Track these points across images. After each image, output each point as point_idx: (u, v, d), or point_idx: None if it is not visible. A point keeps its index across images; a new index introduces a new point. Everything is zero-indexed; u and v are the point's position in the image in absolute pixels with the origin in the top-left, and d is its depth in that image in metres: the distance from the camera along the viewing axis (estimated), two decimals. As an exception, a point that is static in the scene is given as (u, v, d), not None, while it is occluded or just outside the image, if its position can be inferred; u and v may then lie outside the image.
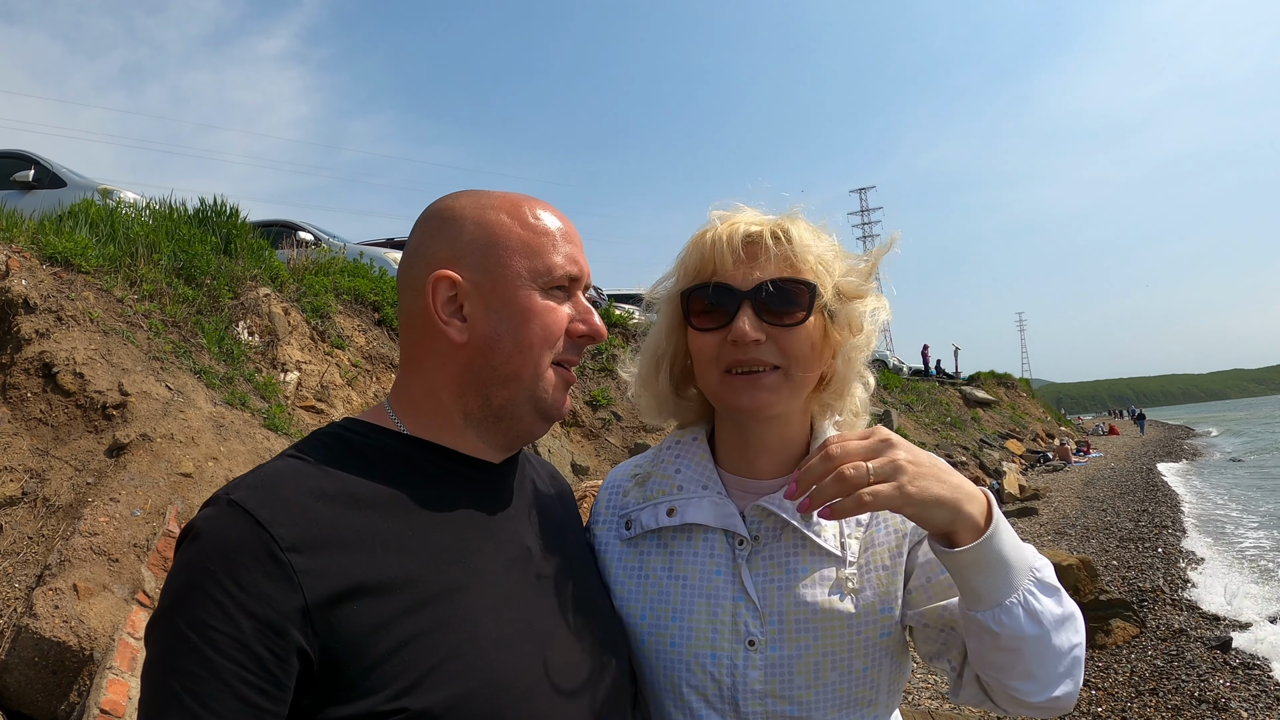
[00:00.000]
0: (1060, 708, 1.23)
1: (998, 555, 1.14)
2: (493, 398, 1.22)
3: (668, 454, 1.49)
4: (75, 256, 5.71)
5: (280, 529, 1.02)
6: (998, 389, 45.35)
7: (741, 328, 1.28)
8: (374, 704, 0.99)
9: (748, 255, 1.33)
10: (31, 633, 3.28)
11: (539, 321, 1.21)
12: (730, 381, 1.33)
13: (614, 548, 1.44)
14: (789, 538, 1.34)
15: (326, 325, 7.99)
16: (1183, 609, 9.75)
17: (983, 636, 1.17)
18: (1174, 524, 16.32)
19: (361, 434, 1.21)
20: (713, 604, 1.32)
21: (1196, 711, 6.60)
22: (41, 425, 4.49)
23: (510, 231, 1.22)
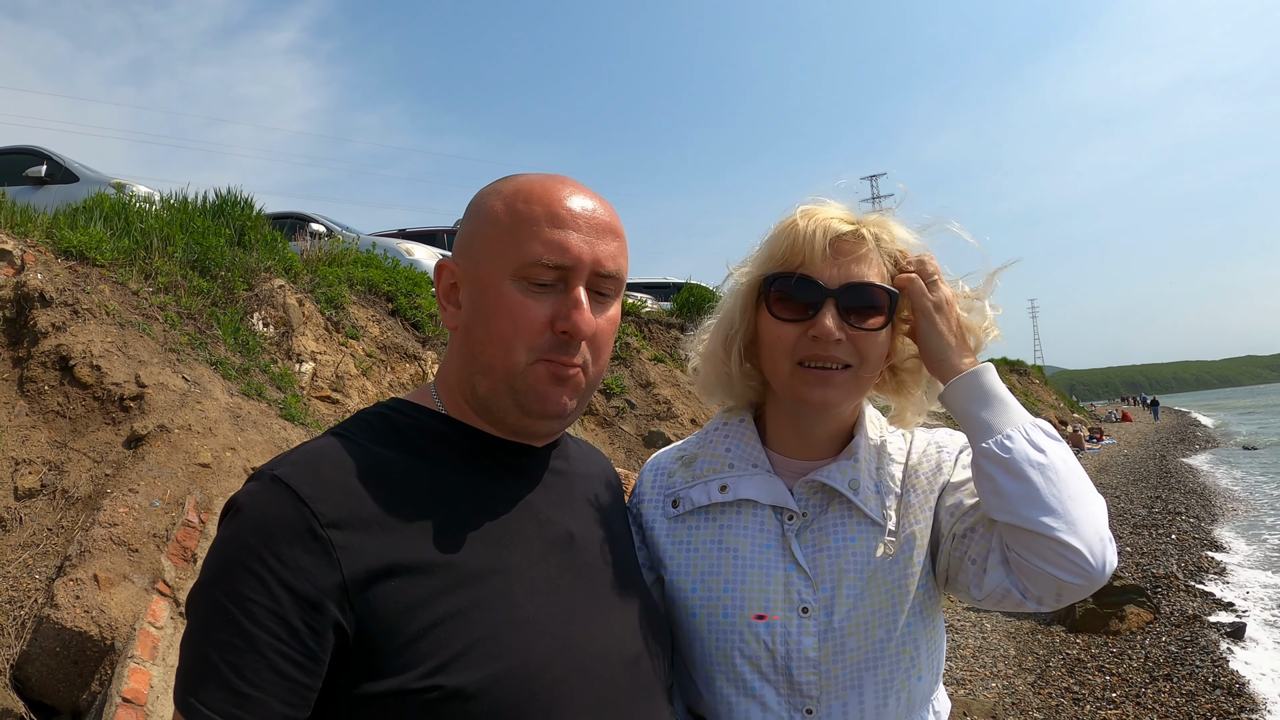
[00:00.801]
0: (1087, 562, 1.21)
1: (992, 390, 1.32)
2: (478, 387, 1.21)
3: (716, 435, 1.53)
4: (90, 250, 5.75)
5: (321, 505, 1.03)
6: (1010, 376, 45.19)
7: (826, 325, 1.32)
8: (407, 681, 1.00)
9: (837, 252, 1.36)
10: (53, 623, 3.32)
11: (507, 315, 1.17)
12: (803, 375, 1.36)
13: (661, 525, 1.48)
14: (836, 510, 1.41)
15: (340, 316, 8.02)
16: (1196, 595, 9.74)
17: (992, 469, 1.26)
18: (1187, 510, 16.27)
19: (405, 414, 1.23)
20: (765, 574, 1.37)
21: (1211, 697, 6.60)
22: (59, 418, 4.52)
23: (495, 217, 1.20)
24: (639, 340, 14.13)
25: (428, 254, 13.48)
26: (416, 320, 9.56)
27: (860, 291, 1.35)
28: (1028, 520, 1.22)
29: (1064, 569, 1.21)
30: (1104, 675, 7.24)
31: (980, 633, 8.52)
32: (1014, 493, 1.24)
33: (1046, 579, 1.24)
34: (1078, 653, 7.87)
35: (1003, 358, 49.96)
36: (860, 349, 1.35)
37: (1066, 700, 6.67)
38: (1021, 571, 1.27)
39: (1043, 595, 1.27)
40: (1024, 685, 7.02)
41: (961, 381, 1.33)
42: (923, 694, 1.41)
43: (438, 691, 1.01)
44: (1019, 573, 1.27)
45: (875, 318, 1.36)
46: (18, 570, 3.65)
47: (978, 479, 1.31)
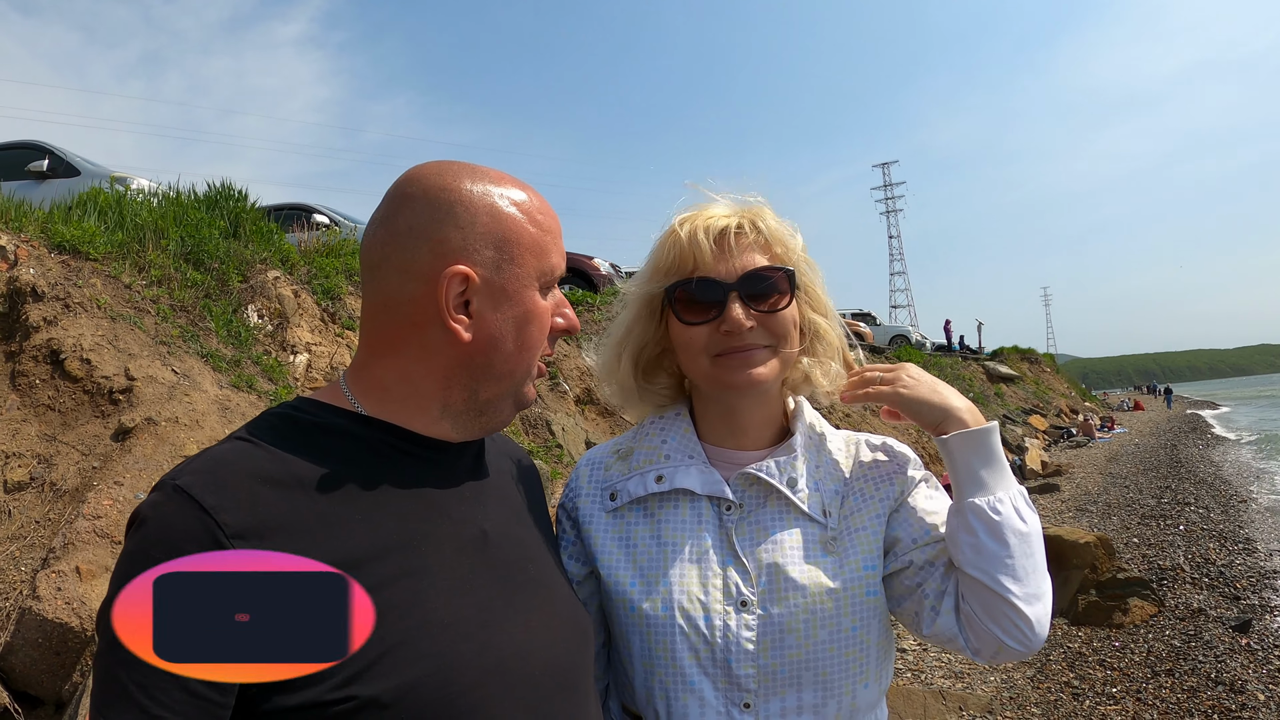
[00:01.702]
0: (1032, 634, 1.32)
1: (994, 451, 1.37)
2: (480, 393, 1.21)
3: (651, 428, 1.54)
4: (83, 244, 5.76)
5: (225, 515, 1.00)
6: (1021, 364, 44.97)
7: (737, 318, 1.37)
8: (320, 692, 0.98)
9: (725, 248, 1.40)
10: (35, 615, 3.33)
11: (539, 323, 1.22)
12: (725, 363, 1.40)
13: (599, 519, 1.48)
14: (774, 504, 1.42)
15: (337, 307, 8.02)
16: (1202, 588, 9.65)
17: (977, 525, 1.32)
18: (1196, 501, 16.15)
19: (311, 413, 1.18)
20: (703, 568, 1.38)
21: (1213, 693, 6.53)
22: (49, 411, 4.54)
23: (523, 229, 1.20)
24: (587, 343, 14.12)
25: (432, 246, 13.42)
26: (416, 313, 9.55)
27: (758, 278, 1.40)
28: (996, 583, 1.30)
29: (1011, 635, 1.32)
30: (1105, 670, 7.18)
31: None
32: (992, 554, 1.31)
33: (990, 639, 1.33)
34: (1079, 646, 7.82)
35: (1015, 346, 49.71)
36: (773, 330, 1.41)
37: (1066, 695, 6.62)
38: (970, 626, 1.36)
39: (981, 650, 1.36)
40: (1023, 679, 6.98)
41: (969, 436, 1.38)
42: (868, 701, 1.41)
43: (352, 702, 0.99)
44: (968, 625, 1.36)
45: (778, 297, 1.41)
46: (4, 562, 3.68)
47: (958, 530, 1.36)
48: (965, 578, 1.34)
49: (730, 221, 1.43)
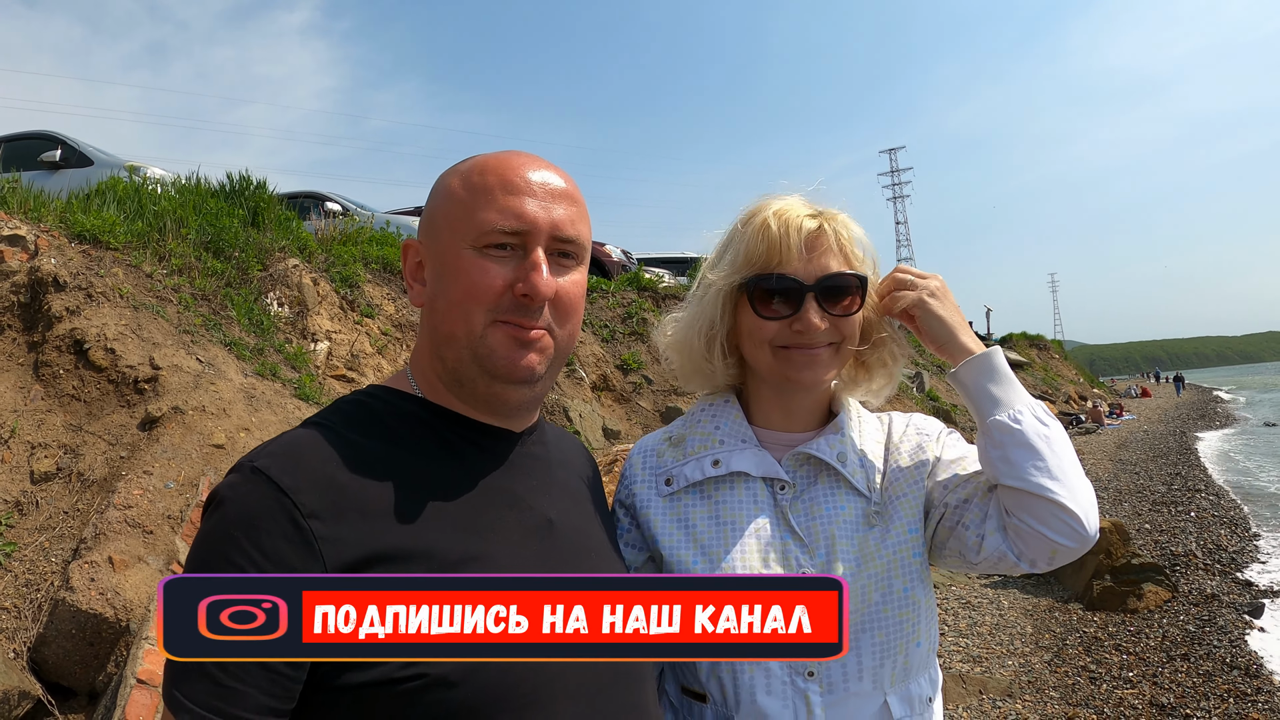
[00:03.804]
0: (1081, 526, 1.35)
1: (1002, 369, 1.44)
2: (446, 359, 1.23)
3: (703, 415, 1.61)
4: (103, 234, 5.76)
5: (302, 496, 1.04)
6: (1030, 350, 44.92)
7: (811, 319, 1.45)
8: (390, 670, 1.01)
9: (808, 248, 1.48)
10: (68, 605, 3.35)
11: (465, 279, 1.18)
12: (788, 356, 1.49)
13: (656, 504, 1.55)
14: (824, 480, 1.51)
15: (356, 294, 8.03)
16: (1215, 574, 9.66)
17: (1003, 438, 1.38)
18: (1207, 488, 16.14)
19: (382, 399, 1.24)
20: (763, 543, 1.45)
21: (1228, 678, 6.55)
22: (74, 401, 4.55)
23: (452, 194, 1.22)
24: (656, 316, 14.11)
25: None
26: (433, 297, 9.55)
27: (835, 282, 1.48)
28: (1034, 485, 1.35)
29: (1060, 532, 1.35)
30: (1121, 654, 7.20)
31: (997, 610, 8.50)
32: (1022, 460, 1.36)
33: (1042, 542, 1.37)
34: (1095, 631, 7.84)
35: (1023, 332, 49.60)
36: (841, 330, 1.50)
37: (1083, 679, 6.64)
38: (1019, 535, 1.39)
39: (1036, 558, 1.40)
40: (1040, 663, 7.00)
41: (976, 361, 1.46)
42: (920, 660, 1.49)
43: (421, 680, 1.01)
44: (1016, 536, 1.39)
45: (850, 301, 1.49)
46: (34, 553, 3.69)
47: (987, 448, 1.42)
48: (1006, 491, 1.39)
49: (816, 224, 1.49)
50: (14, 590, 3.55)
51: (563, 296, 1.22)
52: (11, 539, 3.80)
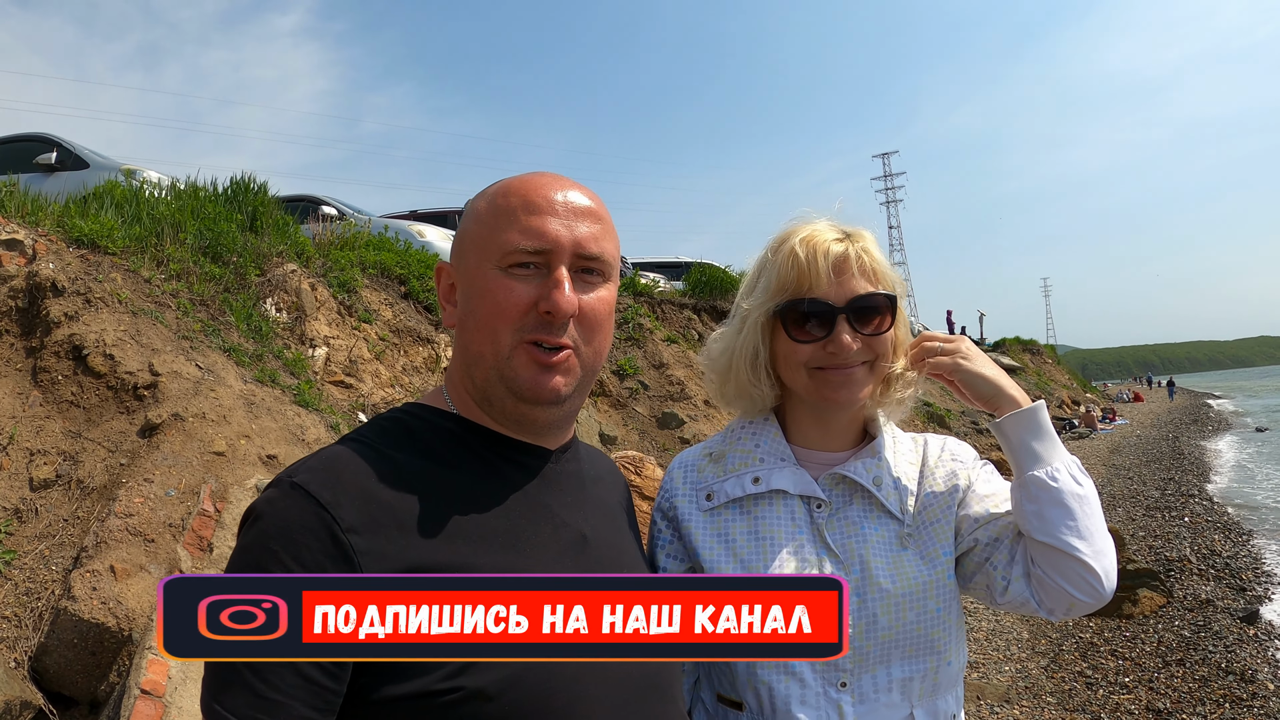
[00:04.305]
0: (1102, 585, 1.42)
1: (1045, 426, 1.49)
2: (475, 378, 1.24)
3: (744, 433, 1.66)
4: (102, 238, 5.73)
5: (341, 511, 1.05)
6: (1023, 355, 45.05)
7: (844, 341, 1.50)
8: (428, 683, 1.02)
9: (837, 271, 1.52)
10: (70, 615, 3.32)
11: (491, 298, 1.20)
12: (824, 377, 1.53)
13: (697, 518, 1.59)
14: (859, 501, 1.56)
15: (353, 300, 8.02)
16: (1210, 579, 9.70)
17: (1040, 494, 1.44)
18: (1200, 493, 16.20)
19: (419, 417, 1.25)
20: (800, 559, 1.50)
21: (1224, 683, 6.59)
22: (73, 408, 4.53)
23: (480, 216, 1.25)
24: (652, 321, 14.12)
25: (440, 236, 13.49)
26: (429, 303, 9.56)
27: (865, 303, 1.52)
28: (1063, 544, 1.41)
29: (1081, 590, 1.42)
30: (1117, 659, 7.24)
31: (993, 615, 8.52)
32: (1055, 519, 1.42)
33: (1063, 596, 1.44)
34: (1090, 636, 7.87)
35: (1015, 336, 49.74)
36: (874, 349, 1.54)
37: (1079, 684, 6.67)
38: (1042, 587, 1.46)
39: (1055, 608, 1.47)
40: (1037, 669, 7.02)
41: (1022, 415, 1.50)
42: (949, 679, 1.53)
43: (459, 693, 1.02)
44: (1039, 587, 1.47)
45: (883, 322, 1.54)
46: (34, 561, 3.67)
47: (1022, 502, 1.47)
48: (1034, 544, 1.45)
49: (843, 248, 1.54)
50: (14, 599, 3.53)
51: (588, 313, 1.23)
52: (11, 547, 3.78)
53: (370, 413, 6.69)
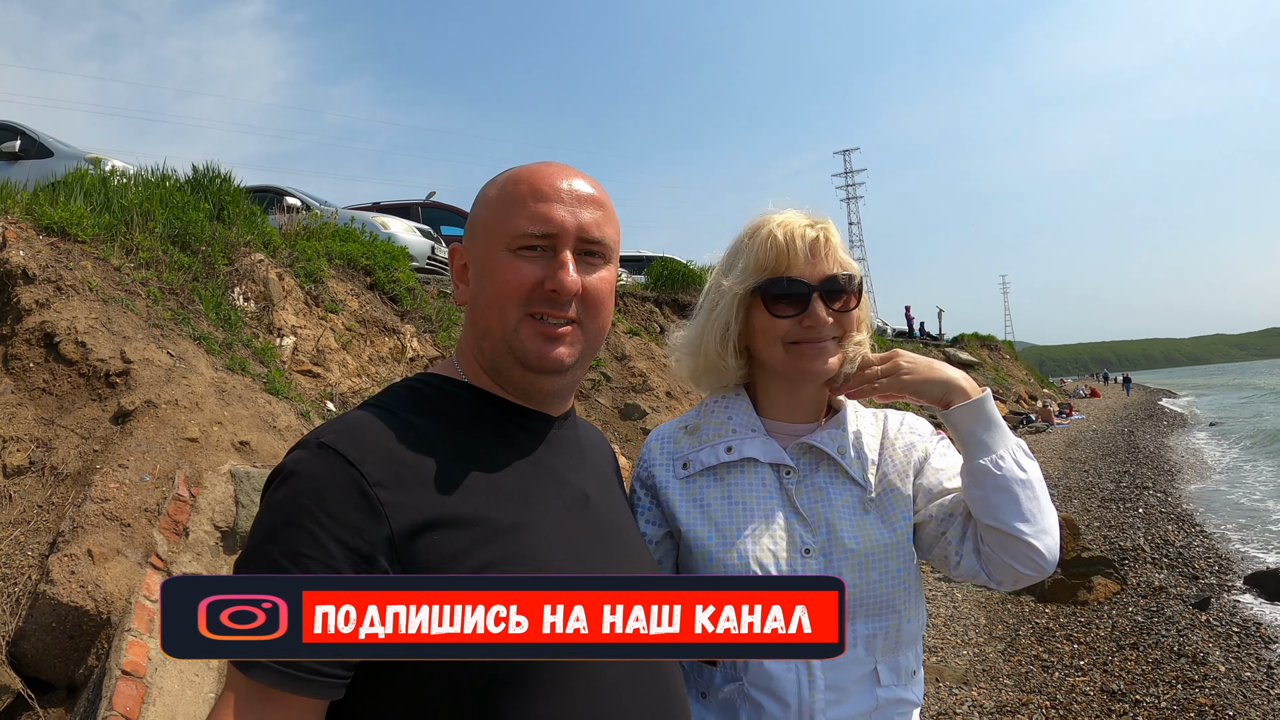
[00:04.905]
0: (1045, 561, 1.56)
1: (991, 415, 1.61)
2: (485, 350, 1.34)
3: (716, 407, 1.78)
4: (71, 226, 5.69)
5: (368, 467, 1.13)
6: (981, 351, 45.62)
7: (821, 315, 1.64)
8: None
9: (811, 254, 1.65)
10: (49, 599, 3.34)
11: (500, 276, 1.30)
12: (799, 350, 1.65)
13: (674, 485, 1.70)
14: (825, 469, 1.68)
15: (320, 290, 8.00)
16: (1163, 568, 9.97)
17: (985, 480, 1.56)
18: (1154, 485, 16.58)
19: (432, 384, 1.35)
20: (771, 522, 1.62)
21: (1176, 665, 6.79)
22: (45, 395, 4.52)
23: (489, 202, 1.36)
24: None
25: (403, 228, 13.48)
26: (394, 294, 9.57)
27: (837, 282, 1.66)
28: (1008, 527, 1.54)
29: (1025, 565, 1.56)
30: (1072, 644, 7.43)
31: (951, 602, 8.71)
32: (999, 503, 1.55)
33: (1009, 571, 1.57)
34: (1046, 622, 8.06)
35: (974, 333, 50.38)
36: (843, 324, 1.68)
37: (1036, 667, 6.85)
38: (990, 562, 1.59)
39: (1003, 580, 1.60)
40: (994, 653, 7.20)
41: (968, 407, 1.63)
42: (909, 636, 1.65)
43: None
44: (988, 563, 1.60)
45: (849, 297, 1.67)
46: (10, 547, 3.67)
47: (969, 486, 1.61)
48: (981, 525, 1.58)
49: (815, 233, 1.67)
50: (-11, 584, 3.54)
51: (590, 291, 1.33)
52: (-15, 533, 3.77)
53: (338, 402, 6.71)
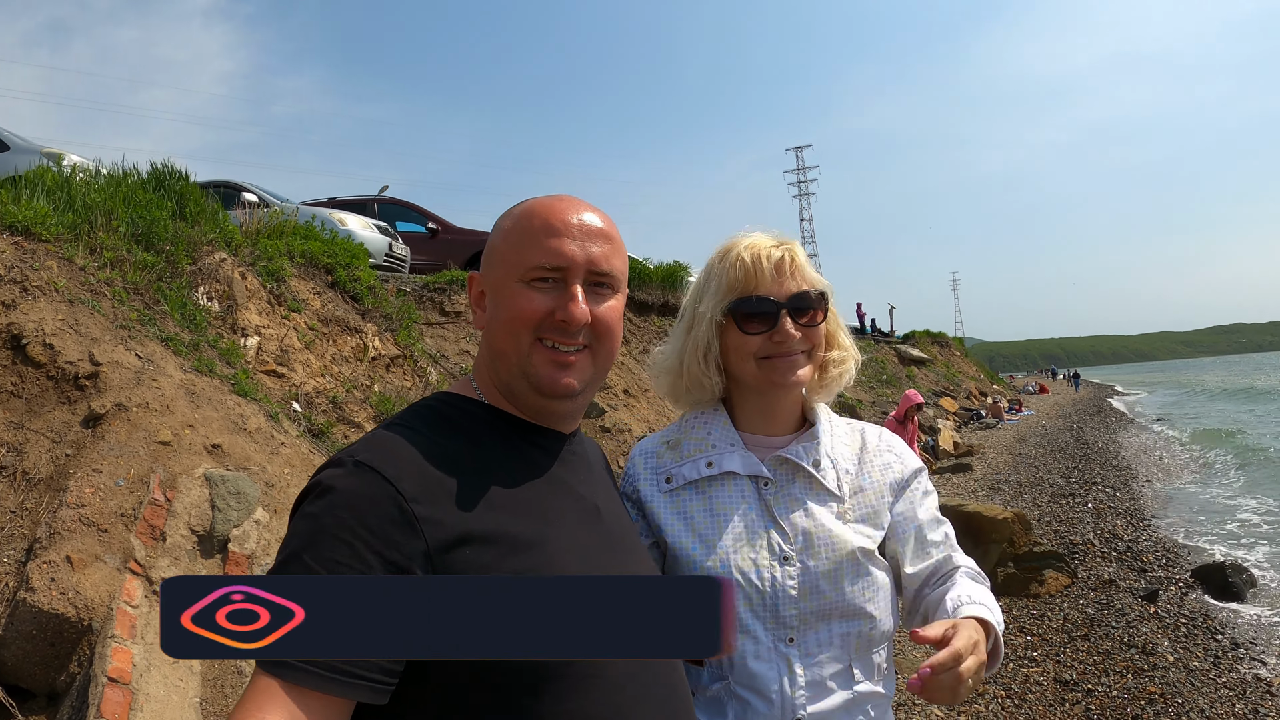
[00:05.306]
0: None
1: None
2: (500, 373, 1.44)
3: (696, 422, 1.87)
4: (36, 225, 5.57)
5: (404, 484, 1.20)
6: (932, 347, 46.18)
7: (789, 331, 1.73)
8: None
9: (778, 273, 1.75)
10: (30, 606, 3.31)
11: (514, 306, 1.39)
12: (772, 364, 1.74)
13: (658, 499, 1.79)
14: (801, 480, 1.76)
15: (282, 289, 7.93)
16: (1112, 561, 10.27)
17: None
18: (1103, 480, 16.99)
19: (452, 404, 1.43)
20: (751, 532, 1.71)
21: (1126, 655, 7.03)
22: (14, 398, 4.44)
23: (505, 234, 1.45)
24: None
25: (360, 224, 13.40)
26: (355, 292, 9.52)
27: (803, 298, 1.75)
28: None
29: None
30: (1025, 635, 7.65)
31: (910, 598, 8.89)
32: None
33: None
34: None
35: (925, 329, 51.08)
36: (810, 339, 1.77)
37: (991, 659, 7.04)
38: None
39: None
40: (951, 646, 7.38)
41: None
42: (881, 636, 1.74)
43: None
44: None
45: (815, 313, 1.77)
46: (-16, 554, 3.63)
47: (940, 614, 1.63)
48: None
49: (781, 253, 1.76)
50: (-36, 592, 3.49)
51: (599, 320, 1.43)
52: (-44, 539, 3.72)
53: (304, 403, 6.68)
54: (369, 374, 8.20)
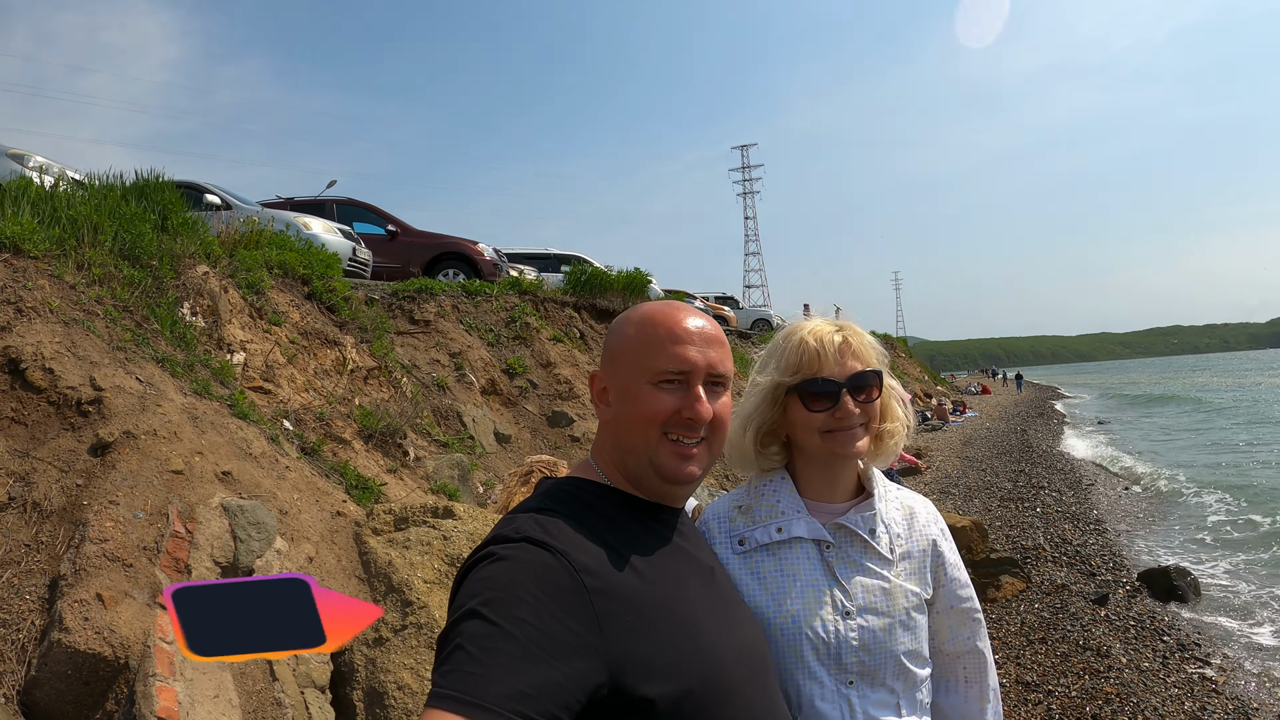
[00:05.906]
0: None
1: None
2: (628, 463, 1.65)
3: (765, 489, 2.07)
4: (25, 241, 5.44)
5: (573, 557, 1.40)
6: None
7: (849, 408, 1.94)
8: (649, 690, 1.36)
9: (839, 355, 1.95)
10: (65, 646, 3.30)
11: (644, 405, 1.60)
12: (834, 437, 1.95)
13: (733, 560, 1.99)
14: (858, 544, 1.97)
15: (263, 302, 7.87)
16: (1063, 565, 10.67)
17: None
18: (1050, 484, 17.50)
19: (584, 489, 1.63)
20: (817, 590, 1.91)
21: (1082, 658, 7.40)
22: (15, 425, 4.36)
23: (629, 340, 1.66)
24: (538, 320, 14.25)
25: (324, 228, 13.28)
26: (331, 304, 9.46)
27: (862, 378, 1.95)
28: None
29: None
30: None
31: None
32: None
33: None
34: (962, 620, 8.57)
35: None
36: (868, 413, 1.97)
37: (956, 665, 7.31)
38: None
39: None
40: (920, 653, 7.64)
41: None
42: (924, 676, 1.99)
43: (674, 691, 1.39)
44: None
45: (874, 393, 1.97)
46: (4, 590, 3.59)
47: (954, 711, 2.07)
48: None
49: (841, 338, 1.97)
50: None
51: (717, 416, 1.65)
52: (-28, 574, 3.68)
53: (293, 420, 6.65)
54: (349, 387, 8.17)
